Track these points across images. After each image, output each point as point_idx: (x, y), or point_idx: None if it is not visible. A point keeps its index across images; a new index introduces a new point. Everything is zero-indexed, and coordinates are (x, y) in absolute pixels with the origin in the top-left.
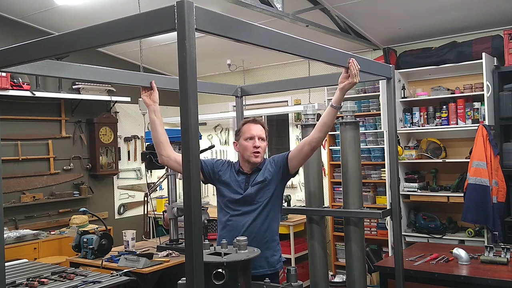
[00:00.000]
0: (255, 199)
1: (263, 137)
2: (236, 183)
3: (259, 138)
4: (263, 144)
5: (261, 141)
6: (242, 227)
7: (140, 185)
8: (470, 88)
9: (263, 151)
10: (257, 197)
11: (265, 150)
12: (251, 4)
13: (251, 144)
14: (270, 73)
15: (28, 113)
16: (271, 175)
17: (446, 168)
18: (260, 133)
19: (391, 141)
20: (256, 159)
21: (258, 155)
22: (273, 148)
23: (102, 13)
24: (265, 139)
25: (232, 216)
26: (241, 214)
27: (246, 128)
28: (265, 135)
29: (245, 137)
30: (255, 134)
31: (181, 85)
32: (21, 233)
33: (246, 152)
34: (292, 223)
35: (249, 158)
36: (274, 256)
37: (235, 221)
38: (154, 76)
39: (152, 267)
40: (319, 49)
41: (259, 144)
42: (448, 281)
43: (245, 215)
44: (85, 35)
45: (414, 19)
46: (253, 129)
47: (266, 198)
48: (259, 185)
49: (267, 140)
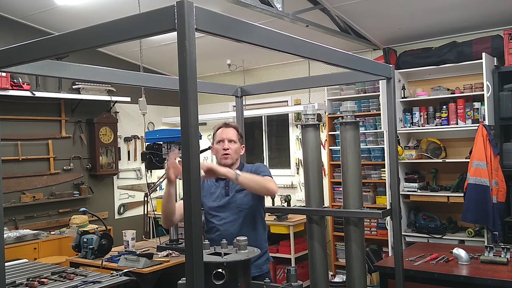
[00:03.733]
0: (240, 206)
1: (234, 139)
2: (216, 190)
3: (229, 140)
4: (234, 146)
5: (231, 143)
6: (230, 236)
7: (140, 185)
8: (470, 88)
9: (234, 153)
10: (242, 203)
11: (238, 152)
12: (251, 4)
13: (221, 147)
14: (270, 73)
15: (28, 113)
16: None
17: (446, 168)
18: (230, 136)
19: (391, 141)
20: (225, 161)
21: (228, 157)
22: (273, 148)
23: (102, 13)
24: (238, 141)
25: (220, 225)
26: (228, 222)
27: (218, 132)
28: (237, 137)
29: (216, 141)
30: (225, 137)
31: (181, 85)
32: (21, 233)
33: (218, 154)
34: (292, 223)
35: (220, 160)
36: (259, 258)
37: (224, 230)
38: (154, 76)
39: (152, 267)
40: (319, 49)
41: (228, 146)
42: (448, 281)
43: (231, 223)
44: (85, 35)
45: (414, 19)
46: (224, 133)
47: (250, 204)
48: (244, 192)
49: (240, 142)
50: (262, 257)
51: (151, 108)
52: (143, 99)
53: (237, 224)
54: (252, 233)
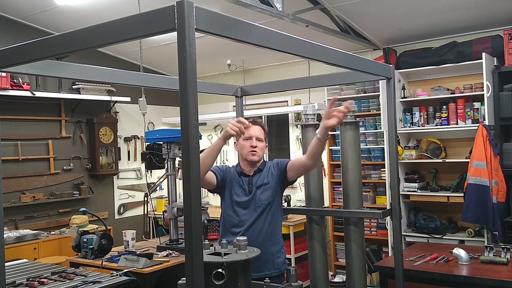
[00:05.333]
0: (260, 202)
1: (261, 138)
2: (239, 186)
3: (257, 138)
4: (261, 144)
5: (258, 141)
6: (258, 234)
7: (140, 185)
8: (470, 88)
9: (261, 150)
10: (262, 199)
11: (263, 150)
12: (251, 4)
13: (249, 144)
14: (270, 73)
15: (28, 113)
16: (273, 177)
17: (446, 168)
18: (258, 134)
19: (391, 141)
20: (253, 157)
21: (255, 154)
22: (273, 148)
23: (102, 13)
24: (264, 140)
25: (244, 224)
26: (253, 221)
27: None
28: (263, 136)
29: (244, 137)
30: (253, 135)
31: (181, 85)
32: (21, 233)
33: (244, 150)
34: (292, 223)
35: (246, 157)
36: (279, 258)
37: (252, 229)
38: (154, 76)
39: (152, 267)
40: (319, 49)
41: (256, 144)
42: (448, 281)
43: (254, 221)
44: (85, 35)
45: (414, 19)
46: (252, 130)
47: (270, 200)
48: (263, 187)
49: (266, 141)
50: (281, 256)
51: (151, 108)
52: (143, 99)
53: (260, 222)
54: (272, 231)
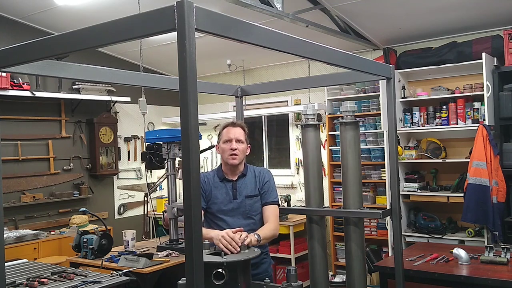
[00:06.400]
0: (250, 213)
1: (241, 139)
2: (222, 192)
3: (237, 140)
4: (241, 146)
5: (239, 143)
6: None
7: (140, 185)
8: (470, 88)
9: (241, 153)
10: (253, 210)
11: (245, 152)
12: (251, 4)
13: (228, 147)
14: (270, 73)
15: (28, 113)
16: (258, 192)
17: (446, 168)
18: (238, 136)
19: (391, 141)
20: (233, 161)
21: (235, 157)
22: (273, 148)
23: (102, 13)
24: (245, 142)
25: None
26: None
27: (225, 131)
28: (244, 137)
29: (223, 140)
30: (232, 137)
31: (181, 85)
32: (21, 233)
33: (224, 154)
34: (292, 223)
35: (227, 160)
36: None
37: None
38: (154, 76)
39: (152, 267)
40: (319, 49)
41: (236, 146)
42: (448, 281)
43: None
44: (85, 35)
45: (414, 19)
46: (231, 132)
47: (259, 212)
48: (254, 199)
49: (247, 142)
50: (267, 261)
51: (151, 108)
52: (143, 99)
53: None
54: None
